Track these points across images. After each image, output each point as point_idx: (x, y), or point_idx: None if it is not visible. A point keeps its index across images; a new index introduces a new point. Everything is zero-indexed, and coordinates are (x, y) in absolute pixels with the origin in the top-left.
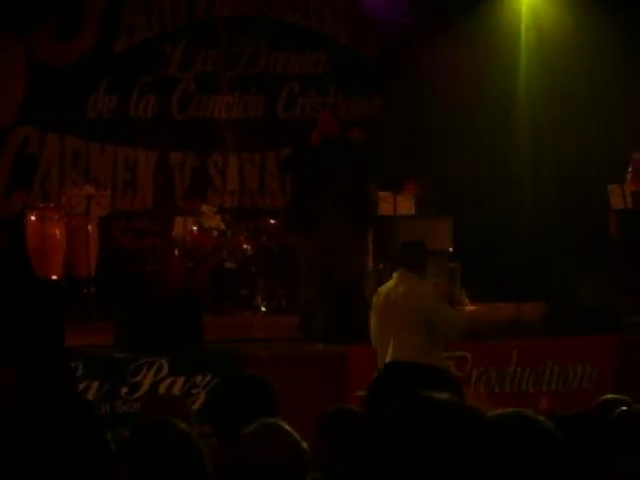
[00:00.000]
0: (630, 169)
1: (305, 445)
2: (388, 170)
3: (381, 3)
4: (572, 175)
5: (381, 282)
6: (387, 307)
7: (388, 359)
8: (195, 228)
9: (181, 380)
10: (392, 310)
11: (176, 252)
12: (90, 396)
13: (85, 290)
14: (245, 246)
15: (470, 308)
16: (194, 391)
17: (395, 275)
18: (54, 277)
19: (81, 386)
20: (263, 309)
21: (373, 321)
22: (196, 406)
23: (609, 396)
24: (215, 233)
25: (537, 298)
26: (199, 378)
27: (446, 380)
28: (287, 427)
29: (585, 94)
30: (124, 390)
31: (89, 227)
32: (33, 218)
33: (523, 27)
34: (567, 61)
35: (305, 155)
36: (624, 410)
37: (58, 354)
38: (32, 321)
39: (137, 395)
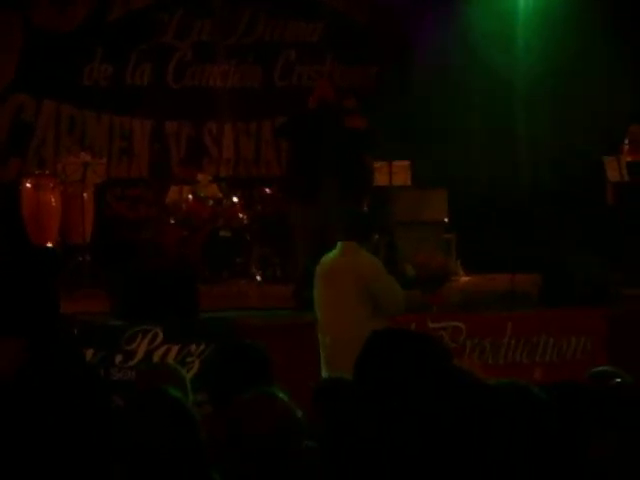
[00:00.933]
0: (626, 141)
1: (299, 413)
2: (382, 140)
3: None
4: (569, 147)
5: (376, 253)
6: (330, 278)
7: (331, 331)
8: (190, 197)
9: (176, 348)
10: (335, 281)
11: (171, 220)
12: None
13: (80, 257)
14: (240, 215)
15: (465, 279)
16: (188, 359)
17: (339, 245)
18: (49, 244)
19: None
20: (258, 278)
21: (316, 292)
22: (190, 374)
23: (601, 368)
24: (210, 202)
25: (532, 270)
26: (193, 346)
27: (434, 346)
28: (281, 395)
29: (584, 67)
30: (118, 358)
31: (84, 194)
32: (28, 185)
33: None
34: (566, 34)
35: (301, 120)
36: (618, 382)
37: (58, 321)
38: (29, 289)
39: (131, 363)
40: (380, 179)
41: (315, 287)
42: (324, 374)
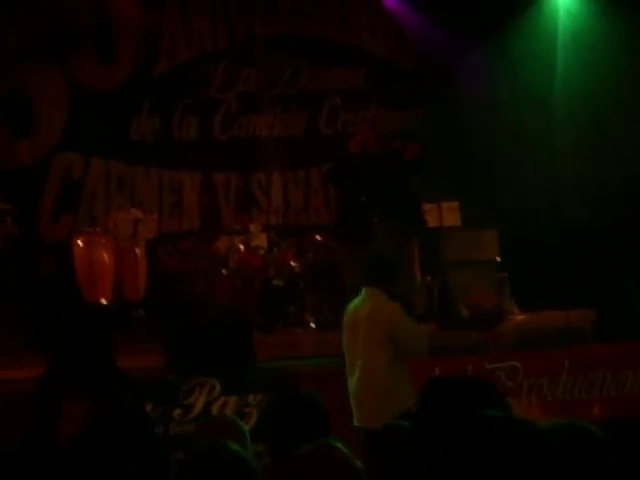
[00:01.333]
0: None
1: (359, 464)
2: (430, 183)
3: (416, 17)
4: (618, 179)
5: (430, 295)
6: (354, 324)
7: (356, 377)
8: (242, 247)
9: (233, 400)
10: (359, 327)
11: (223, 272)
12: None
13: (134, 313)
14: (292, 263)
15: (520, 317)
16: (246, 410)
17: (363, 291)
18: (103, 301)
19: None
20: (312, 325)
21: (343, 338)
22: (249, 425)
23: None
24: (261, 251)
25: (586, 305)
26: (251, 397)
27: (490, 393)
28: (340, 446)
29: (625, 95)
30: (177, 412)
31: (137, 250)
32: (80, 243)
33: (560, 32)
34: (605, 64)
35: (345, 165)
36: None
37: (117, 378)
38: (88, 348)
39: (190, 417)
40: (430, 221)
41: (343, 334)
42: (355, 420)
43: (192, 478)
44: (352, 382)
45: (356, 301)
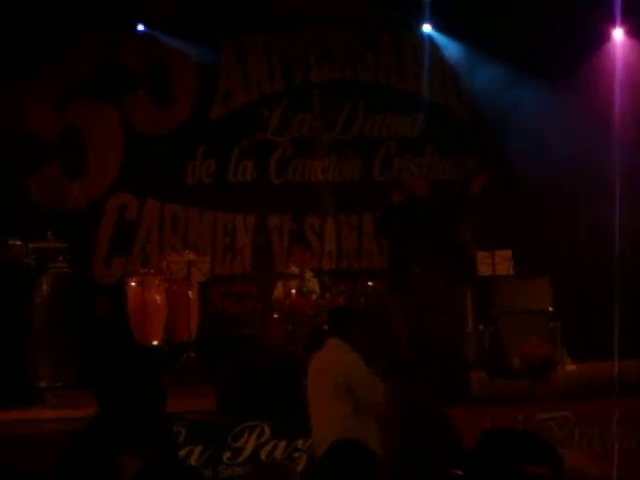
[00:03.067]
0: None
1: None
2: (483, 231)
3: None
4: None
5: (481, 343)
6: (315, 375)
7: (318, 429)
8: (294, 291)
9: (283, 444)
10: (318, 378)
11: (275, 315)
12: (193, 461)
13: (186, 355)
14: None
15: (571, 367)
16: (296, 454)
17: (327, 342)
18: (155, 342)
19: (184, 451)
20: None
21: (308, 389)
22: (299, 469)
23: None
24: (314, 296)
25: (637, 355)
26: (300, 442)
27: (542, 446)
28: None
29: None
30: (227, 455)
31: (189, 292)
32: (133, 284)
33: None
34: None
35: (392, 214)
36: None
37: (164, 423)
38: (136, 389)
39: (239, 460)
40: (483, 269)
41: (308, 384)
42: None
43: None
44: (317, 433)
45: (321, 351)
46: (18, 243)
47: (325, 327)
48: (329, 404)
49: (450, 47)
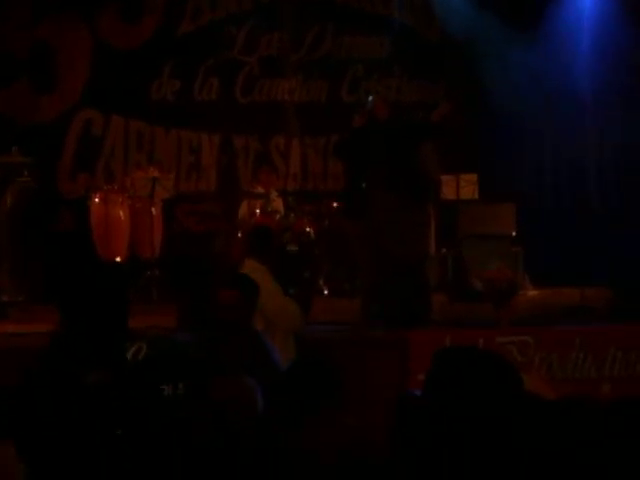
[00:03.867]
0: None
1: (370, 434)
2: (449, 155)
3: None
4: (637, 158)
5: (444, 267)
6: None
7: None
8: (258, 211)
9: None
10: None
11: (239, 235)
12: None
13: (149, 272)
14: (308, 229)
15: (533, 292)
16: None
17: (244, 263)
18: (118, 259)
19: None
20: (326, 292)
21: None
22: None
23: None
24: (278, 216)
25: (601, 283)
26: None
27: (503, 366)
28: (347, 415)
29: None
30: None
31: (153, 209)
32: (97, 200)
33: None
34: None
35: (353, 139)
36: None
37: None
38: (101, 305)
39: None
40: (447, 192)
41: None
42: None
43: (204, 430)
44: None
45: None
46: None
47: (289, 247)
48: None
49: None
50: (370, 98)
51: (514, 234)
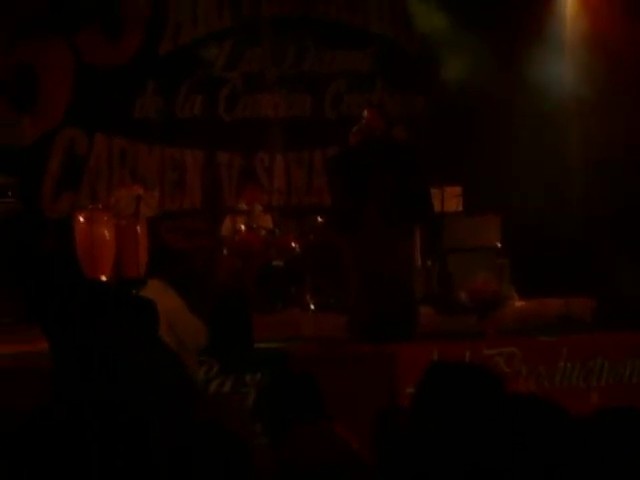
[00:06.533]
0: None
1: (355, 445)
2: (432, 168)
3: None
4: (622, 168)
5: (429, 279)
6: None
7: None
8: (243, 227)
9: (231, 379)
10: None
11: (225, 252)
12: None
13: (135, 291)
14: (293, 244)
15: (519, 304)
16: (244, 390)
17: (149, 283)
18: (103, 278)
19: None
20: (312, 307)
21: None
22: (247, 404)
23: None
24: (263, 232)
25: (586, 293)
26: (249, 377)
27: (489, 379)
28: (337, 427)
29: (634, 77)
30: None
31: (138, 228)
32: (82, 219)
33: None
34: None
35: (349, 155)
36: None
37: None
38: (84, 324)
39: None
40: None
41: None
42: None
43: (187, 455)
44: None
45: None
46: None
47: (274, 263)
48: None
49: None
50: (365, 113)
51: (499, 245)
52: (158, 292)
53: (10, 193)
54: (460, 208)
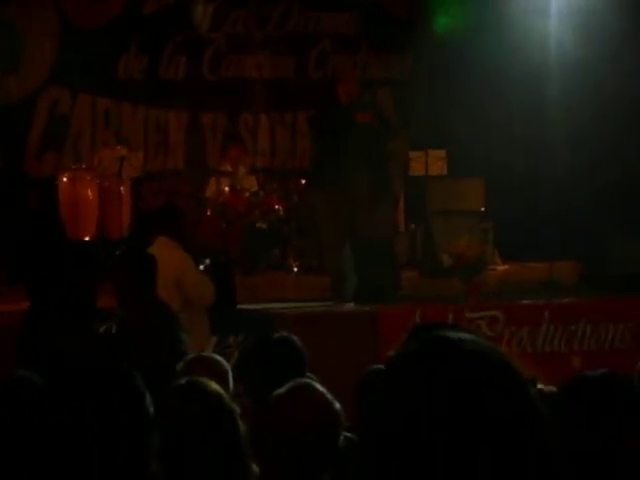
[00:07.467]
0: None
1: (338, 405)
2: (416, 131)
3: None
4: (608, 133)
5: (413, 243)
6: None
7: None
8: (227, 189)
9: (214, 340)
10: None
11: (208, 213)
12: None
13: (117, 252)
14: (276, 206)
15: (502, 267)
16: (227, 350)
17: (156, 240)
18: (87, 238)
19: None
20: (295, 269)
21: None
22: (230, 365)
23: None
24: (247, 194)
25: (571, 257)
26: (232, 338)
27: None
28: (319, 387)
29: (620, 44)
30: None
31: (121, 188)
32: (65, 179)
33: None
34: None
35: (332, 115)
36: None
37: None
38: (66, 283)
39: None
40: (416, 168)
41: None
42: None
43: (169, 414)
44: None
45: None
46: None
47: (258, 225)
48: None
49: None
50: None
51: (483, 209)
52: (165, 249)
53: None
54: (444, 172)
